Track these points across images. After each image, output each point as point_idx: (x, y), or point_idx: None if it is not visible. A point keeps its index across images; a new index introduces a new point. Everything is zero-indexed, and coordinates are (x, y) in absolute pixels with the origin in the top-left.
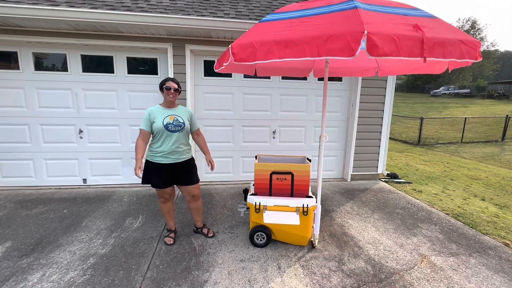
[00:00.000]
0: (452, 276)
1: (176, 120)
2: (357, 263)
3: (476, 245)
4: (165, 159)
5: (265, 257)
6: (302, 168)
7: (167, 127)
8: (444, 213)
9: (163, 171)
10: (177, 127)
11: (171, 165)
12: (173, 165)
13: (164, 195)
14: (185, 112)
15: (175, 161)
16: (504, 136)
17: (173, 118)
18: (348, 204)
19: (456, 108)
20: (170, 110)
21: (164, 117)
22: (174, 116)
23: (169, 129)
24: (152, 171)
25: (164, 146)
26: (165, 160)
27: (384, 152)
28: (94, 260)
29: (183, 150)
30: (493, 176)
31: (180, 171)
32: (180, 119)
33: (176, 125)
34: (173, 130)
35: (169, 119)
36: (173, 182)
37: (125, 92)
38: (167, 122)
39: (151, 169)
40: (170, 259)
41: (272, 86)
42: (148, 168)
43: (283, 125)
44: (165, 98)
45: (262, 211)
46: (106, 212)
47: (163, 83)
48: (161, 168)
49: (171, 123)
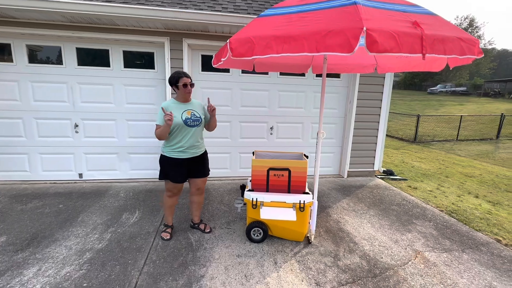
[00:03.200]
0: (445, 271)
1: (194, 115)
2: (353, 259)
3: (469, 241)
4: (184, 154)
5: (262, 252)
6: (299, 164)
7: (186, 122)
8: (439, 209)
9: (182, 166)
10: (195, 121)
11: (189, 159)
12: (191, 159)
13: (174, 189)
14: (199, 106)
15: (193, 155)
16: (498, 134)
17: (190, 113)
18: (344, 200)
19: (453, 106)
20: (186, 105)
21: (182, 112)
22: (191, 111)
23: (188, 124)
24: (171, 167)
25: (183, 141)
26: (184, 155)
27: (380, 149)
28: (91, 255)
29: (200, 144)
30: (487, 173)
31: (196, 164)
32: (197, 114)
33: (194, 119)
34: (191, 125)
35: (187, 114)
36: (188, 175)
37: (122, 86)
38: (186, 117)
39: (170, 165)
40: (167, 254)
41: (270, 82)
42: (166, 164)
43: (281, 121)
44: (180, 94)
45: (259, 207)
46: (103, 207)
47: (176, 79)
48: (180, 163)
49: (189, 118)
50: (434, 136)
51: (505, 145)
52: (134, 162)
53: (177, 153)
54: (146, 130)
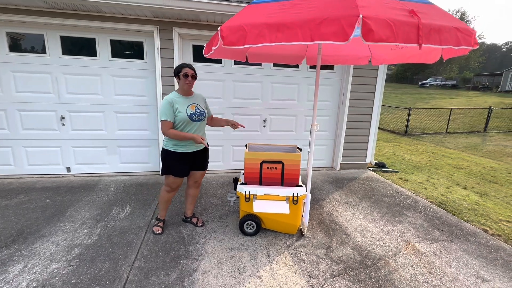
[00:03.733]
0: (435, 261)
1: (198, 109)
2: (345, 250)
3: (457, 232)
4: (188, 148)
5: (255, 245)
6: (292, 157)
7: (191, 117)
8: (429, 201)
9: (185, 160)
10: (200, 116)
11: (192, 153)
12: (194, 153)
13: (173, 184)
14: (201, 100)
15: (197, 149)
16: (486, 127)
17: (194, 107)
18: (337, 192)
19: (443, 99)
20: (189, 99)
21: (187, 106)
22: (195, 105)
23: (193, 119)
24: (174, 161)
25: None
26: (188, 149)
27: (373, 141)
28: (79, 251)
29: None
30: (475, 165)
31: (198, 158)
32: (201, 108)
33: (199, 114)
34: (196, 120)
35: (192, 109)
36: (191, 169)
37: (110, 77)
38: (191, 112)
39: (174, 159)
40: (159, 248)
41: (264, 74)
42: (169, 158)
43: (274, 113)
44: (181, 85)
45: (252, 200)
46: (92, 202)
47: (179, 69)
48: (184, 157)
49: (194, 112)
50: (425, 129)
51: (492, 138)
52: (124, 155)
53: (182, 147)
54: (136, 123)
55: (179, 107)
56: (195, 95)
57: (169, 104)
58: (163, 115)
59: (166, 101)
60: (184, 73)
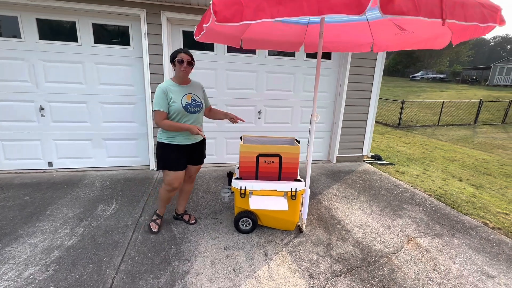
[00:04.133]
0: (438, 257)
1: (194, 100)
2: (345, 247)
3: (458, 226)
4: (184, 140)
5: (251, 243)
6: (291, 150)
7: (187, 109)
8: (427, 194)
9: (182, 152)
10: (196, 107)
11: (189, 146)
12: (191, 145)
13: (174, 182)
14: (199, 89)
15: (194, 141)
16: (476, 119)
17: (191, 98)
18: (334, 186)
19: (433, 92)
20: (185, 88)
21: (182, 96)
22: (191, 95)
23: (188, 110)
24: (170, 154)
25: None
26: (185, 141)
27: (370, 133)
28: (59, 253)
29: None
30: (468, 157)
31: (195, 151)
32: (198, 98)
33: (195, 105)
34: (192, 111)
35: (187, 99)
36: (188, 163)
37: (93, 65)
38: (186, 102)
39: (170, 152)
40: (147, 249)
41: (258, 63)
42: (165, 151)
43: (269, 105)
44: (177, 72)
45: (248, 196)
46: (75, 199)
47: (174, 55)
48: (180, 150)
49: (190, 103)
50: (417, 121)
51: (482, 130)
52: (111, 149)
53: (178, 139)
54: (123, 114)
55: (173, 97)
56: (192, 84)
57: (162, 92)
58: (156, 105)
59: (160, 90)
60: (179, 59)
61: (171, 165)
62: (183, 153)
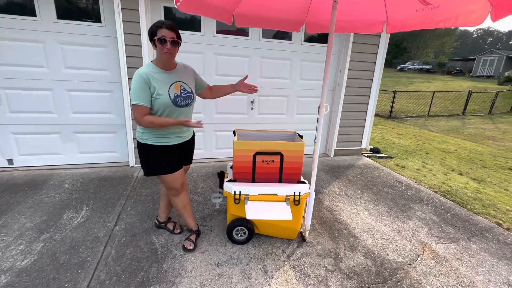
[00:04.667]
0: (459, 267)
1: (184, 90)
2: (356, 258)
3: (472, 227)
4: (175, 139)
5: (247, 257)
6: (294, 147)
7: (176, 102)
8: (432, 190)
9: (173, 152)
10: (187, 99)
11: (179, 145)
12: (181, 144)
13: (176, 182)
14: (189, 74)
15: (184, 140)
16: (464, 110)
17: (179, 87)
18: (334, 183)
19: (421, 83)
20: (172, 74)
21: (169, 86)
22: (180, 83)
23: (178, 103)
24: (160, 157)
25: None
26: (175, 140)
27: (369, 125)
28: (8, 279)
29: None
30: (461, 149)
31: (186, 149)
32: (188, 87)
33: (185, 97)
34: (183, 105)
35: (176, 90)
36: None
37: (57, 45)
38: (175, 94)
39: (158, 155)
40: (122, 269)
41: (251, 46)
42: (151, 155)
43: (263, 94)
44: (159, 55)
45: (243, 202)
46: (37, 204)
47: (153, 30)
48: (171, 149)
49: (179, 95)
50: (408, 112)
51: (471, 121)
52: (84, 143)
53: (167, 139)
54: (97, 104)
55: (158, 87)
56: (179, 68)
57: (144, 81)
58: (135, 98)
59: (140, 78)
60: (161, 38)
61: (164, 168)
62: (174, 153)
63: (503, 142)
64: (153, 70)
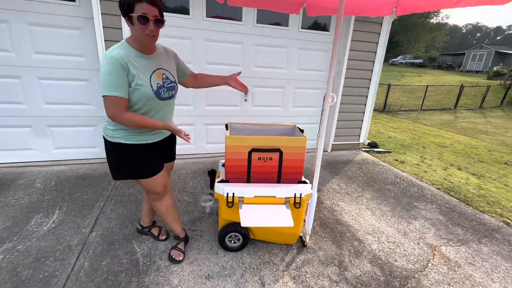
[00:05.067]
0: (473, 274)
1: (167, 79)
2: (362, 266)
3: (480, 227)
4: (155, 137)
5: (242, 267)
6: (295, 142)
7: (159, 94)
8: (435, 187)
9: (152, 152)
10: (170, 90)
11: (159, 142)
12: (161, 142)
13: (156, 187)
14: (170, 59)
15: (165, 136)
16: (456, 104)
17: (161, 76)
18: (333, 180)
19: (412, 77)
20: (152, 59)
21: (150, 74)
22: (162, 71)
23: (161, 96)
24: (135, 159)
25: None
26: (155, 138)
27: (368, 119)
28: None
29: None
30: (457, 143)
31: (166, 147)
32: (171, 76)
33: (169, 87)
34: (166, 98)
35: (158, 78)
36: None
37: (24, 26)
38: (157, 84)
39: (134, 156)
40: (95, 285)
41: (245, 32)
42: (126, 157)
43: (258, 84)
44: (138, 36)
45: (237, 205)
46: (1, 207)
47: (130, 4)
48: (150, 149)
49: (162, 85)
50: (401, 106)
51: (463, 115)
52: (60, 138)
53: (144, 136)
54: (73, 94)
55: (137, 75)
56: (159, 52)
57: (121, 67)
58: (111, 87)
59: (116, 62)
60: (142, 15)
61: (142, 172)
62: (154, 151)
63: (495, 136)
64: (131, 53)
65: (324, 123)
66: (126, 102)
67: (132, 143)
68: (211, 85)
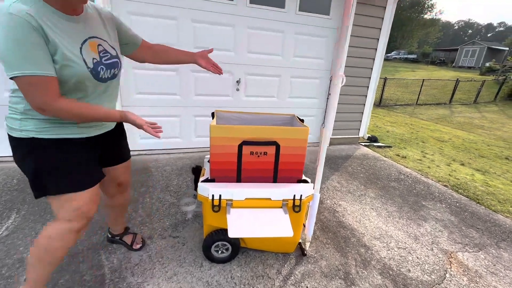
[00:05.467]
0: (497, 286)
1: (105, 53)
2: (371, 278)
3: (495, 229)
4: (89, 130)
5: (231, 283)
6: (295, 134)
7: (97, 73)
8: (441, 184)
9: (86, 150)
10: (112, 68)
11: (98, 137)
12: (101, 136)
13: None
14: (107, 23)
15: (106, 130)
16: (451, 99)
17: (97, 47)
18: (333, 177)
19: (406, 72)
20: (81, 23)
21: (80, 45)
22: (97, 40)
23: (100, 76)
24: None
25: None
26: (90, 132)
27: (368, 112)
28: None
29: (115, 105)
30: (455, 138)
31: (111, 142)
32: (111, 49)
33: (108, 64)
34: (106, 78)
35: (91, 50)
36: (106, 163)
37: None
38: (93, 59)
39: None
40: None
41: (237, 13)
42: (44, 156)
43: (251, 72)
44: None
45: (225, 209)
46: None
47: None
48: (84, 147)
49: (99, 61)
50: (397, 100)
51: (458, 110)
52: None
53: (75, 129)
54: None
55: (61, 44)
56: (89, 13)
57: (32, 30)
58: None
59: (25, 23)
60: None
61: (68, 182)
62: (87, 150)
63: (492, 131)
64: (44, 11)
65: (330, 111)
66: (56, 83)
67: (48, 138)
68: (175, 61)
